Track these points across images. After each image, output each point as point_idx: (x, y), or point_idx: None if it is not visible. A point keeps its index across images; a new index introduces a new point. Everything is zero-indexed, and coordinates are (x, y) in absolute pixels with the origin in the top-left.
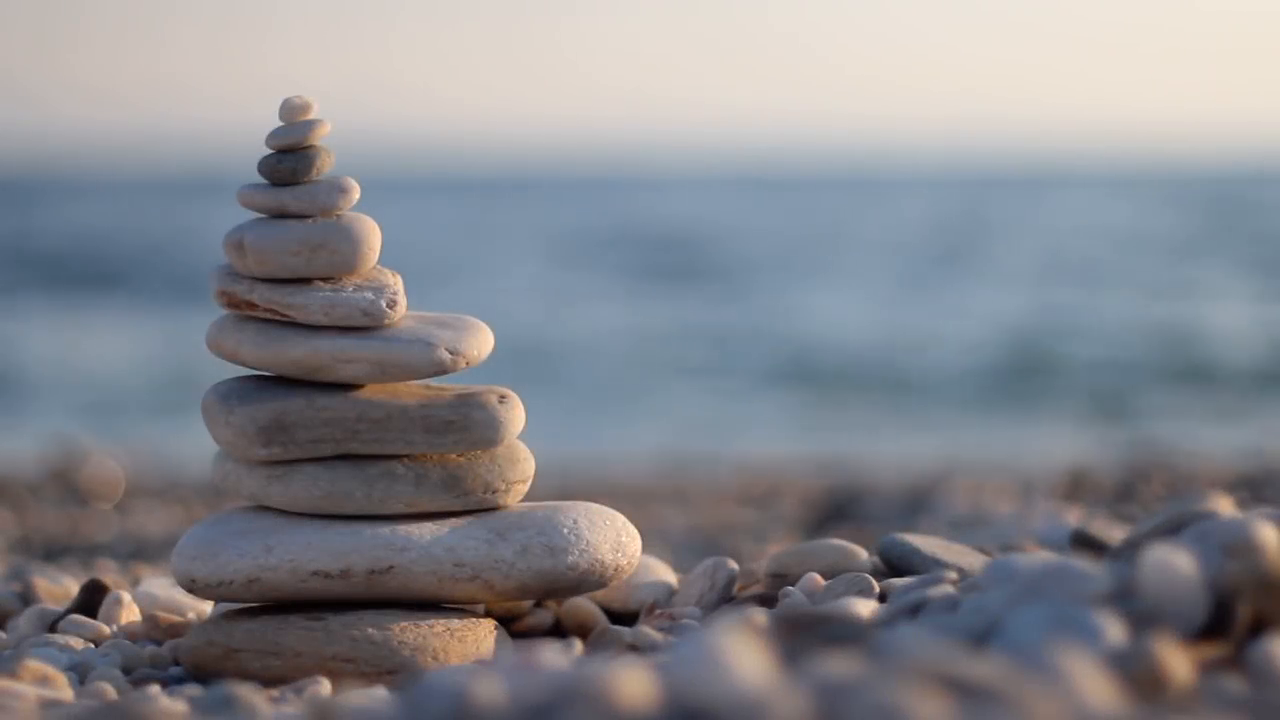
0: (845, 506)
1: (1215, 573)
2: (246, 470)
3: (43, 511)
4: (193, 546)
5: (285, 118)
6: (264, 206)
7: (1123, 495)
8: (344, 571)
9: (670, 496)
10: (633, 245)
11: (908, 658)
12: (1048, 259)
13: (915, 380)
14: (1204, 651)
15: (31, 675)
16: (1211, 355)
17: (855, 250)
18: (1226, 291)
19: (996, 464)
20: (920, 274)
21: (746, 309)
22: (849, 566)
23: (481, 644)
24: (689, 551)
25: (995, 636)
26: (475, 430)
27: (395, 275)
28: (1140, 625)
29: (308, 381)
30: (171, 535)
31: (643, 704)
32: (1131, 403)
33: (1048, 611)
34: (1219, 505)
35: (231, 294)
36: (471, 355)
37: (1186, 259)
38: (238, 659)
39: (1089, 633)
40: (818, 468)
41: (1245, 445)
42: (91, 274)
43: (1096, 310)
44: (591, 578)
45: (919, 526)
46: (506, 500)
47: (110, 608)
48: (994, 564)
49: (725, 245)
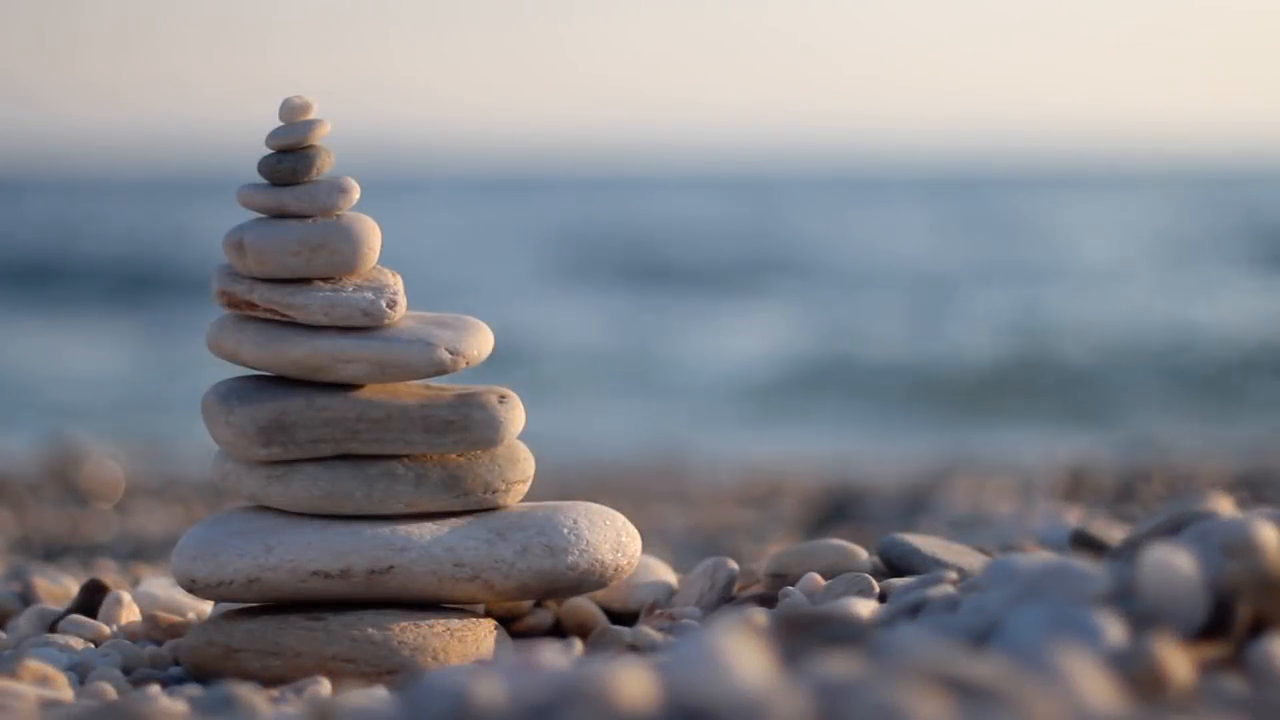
0: (845, 506)
1: (1215, 573)
2: (246, 470)
3: (43, 511)
4: (193, 546)
5: (285, 118)
6: (264, 206)
7: (1123, 495)
8: (344, 571)
9: (670, 496)
10: (632, 246)
11: (908, 658)
12: (1048, 259)
13: (930, 380)
14: (1204, 651)
15: (31, 675)
16: (1213, 355)
17: (855, 251)
18: (1226, 292)
19: (996, 464)
20: (921, 275)
21: (744, 311)
22: (849, 566)
23: (481, 644)
24: (689, 551)
25: (995, 636)
26: (475, 430)
27: (395, 275)
28: (1140, 625)
29: (308, 381)
30: (171, 535)
31: (643, 704)
32: (1132, 402)
33: (1048, 611)
34: (1219, 505)
35: (231, 294)
36: (471, 355)
37: (1187, 259)
38: (238, 659)
39: (1089, 633)
40: (818, 468)
41: (1245, 445)
42: (75, 273)
43: (1095, 311)
44: (591, 578)
45: (919, 526)
46: (506, 500)
47: (110, 608)
48: (994, 564)
49: (723, 247)
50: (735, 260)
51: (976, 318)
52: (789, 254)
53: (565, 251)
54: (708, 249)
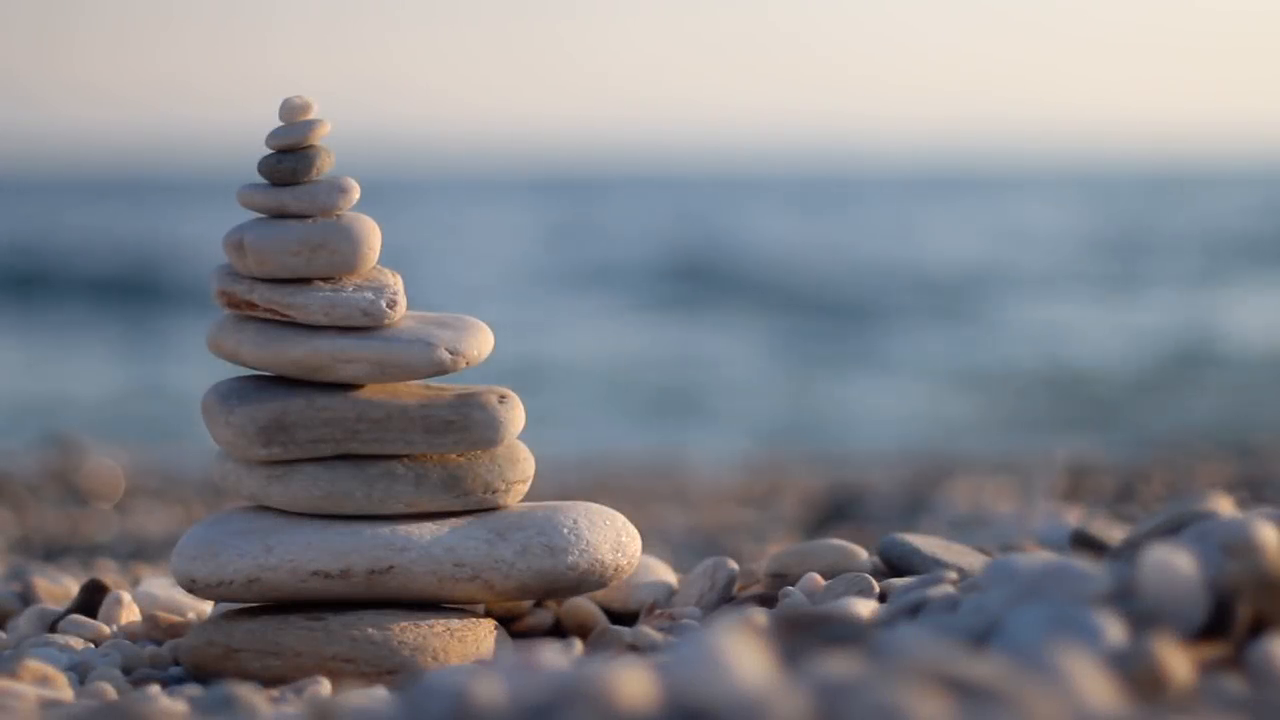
0: (845, 506)
1: (1215, 573)
2: (246, 470)
3: (43, 511)
4: (193, 546)
5: (285, 118)
6: (264, 206)
7: (1123, 495)
8: (344, 571)
9: (670, 496)
10: (631, 248)
11: (908, 658)
12: (1048, 258)
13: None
14: (1204, 651)
15: (31, 675)
16: (1214, 353)
17: (857, 249)
18: (1226, 290)
19: (996, 464)
20: (920, 276)
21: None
22: (849, 566)
23: (481, 644)
24: (689, 551)
25: (995, 636)
26: (475, 430)
27: (395, 275)
28: (1140, 625)
29: (308, 381)
30: (171, 535)
31: (643, 704)
32: (1132, 402)
33: (1048, 611)
34: (1219, 505)
35: (231, 294)
36: (471, 355)
37: (1185, 258)
38: (238, 659)
39: (1089, 633)
40: (818, 467)
41: (1245, 445)
42: (74, 276)
43: (1097, 309)
44: (591, 578)
45: (919, 526)
46: (506, 500)
47: (110, 608)
48: (994, 564)
49: (726, 247)
50: (734, 262)
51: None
52: (789, 255)
53: (564, 252)
54: (708, 250)
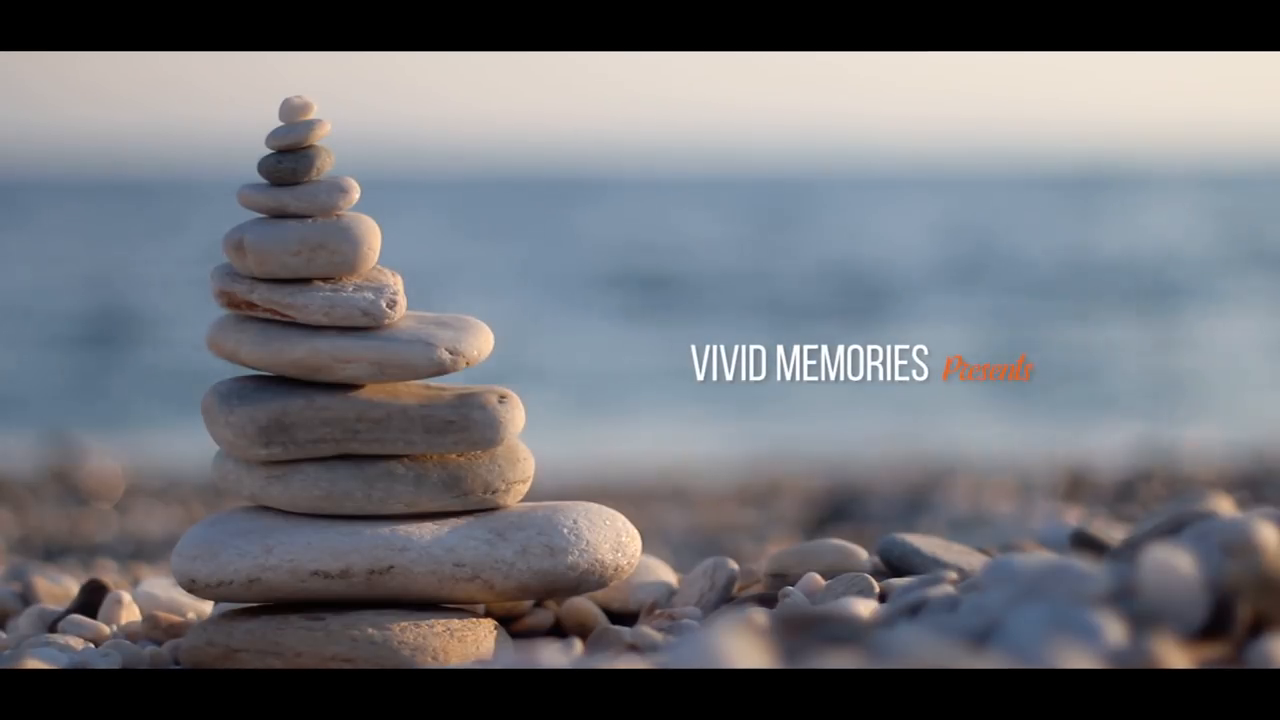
0: (845, 506)
1: (1215, 573)
2: (246, 470)
3: (43, 511)
4: (193, 546)
5: (285, 118)
6: (264, 206)
7: (1123, 495)
8: (344, 571)
9: (670, 496)
10: (630, 248)
11: (908, 658)
12: (1048, 258)
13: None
14: (1204, 651)
15: None
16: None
17: (859, 251)
18: (1226, 291)
19: (996, 464)
20: (923, 276)
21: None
22: (849, 566)
23: (481, 644)
24: (689, 551)
25: (995, 636)
26: (475, 430)
27: (395, 275)
28: (1140, 625)
29: (308, 381)
30: (171, 535)
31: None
32: (1132, 399)
33: (1048, 611)
34: (1219, 505)
35: (231, 294)
36: (471, 355)
37: (1185, 257)
38: (238, 659)
39: (1089, 633)
40: (817, 467)
41: (1245, 445)
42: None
43: (1095, 309)
44: (591, 578)
45: (919, 526)
46: (506, 500)
47: (110, 608)
48: (994, 564)
49: (723, 249)
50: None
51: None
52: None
53: (563, 252)
54: (705, 252)
